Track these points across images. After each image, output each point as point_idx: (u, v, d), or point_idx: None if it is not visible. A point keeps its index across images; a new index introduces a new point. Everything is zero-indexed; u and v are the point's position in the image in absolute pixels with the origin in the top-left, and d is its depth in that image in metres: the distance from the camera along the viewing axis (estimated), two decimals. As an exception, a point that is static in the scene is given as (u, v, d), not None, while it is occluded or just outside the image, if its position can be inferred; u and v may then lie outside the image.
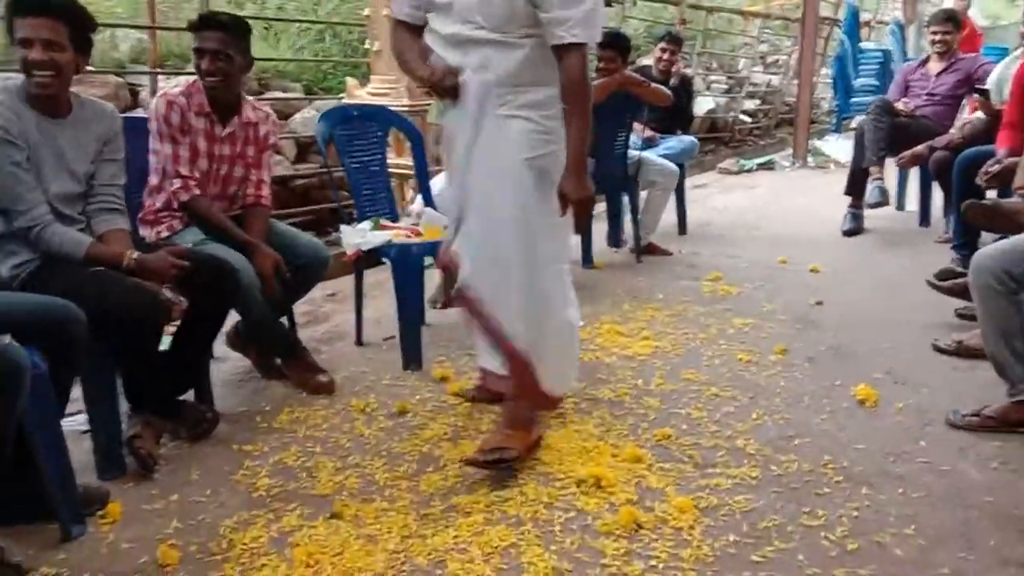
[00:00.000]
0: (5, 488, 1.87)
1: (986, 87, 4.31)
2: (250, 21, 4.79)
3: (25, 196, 2.09)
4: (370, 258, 3.00)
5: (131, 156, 2.42)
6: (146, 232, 2.63)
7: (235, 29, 2.58)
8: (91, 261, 2.16)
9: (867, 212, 4.78)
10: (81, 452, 2.18)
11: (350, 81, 4.44)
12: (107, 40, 4.79)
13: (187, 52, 4.88)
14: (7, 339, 1.73)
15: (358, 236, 2.98)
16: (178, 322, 2.36)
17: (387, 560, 1.76)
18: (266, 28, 5.52)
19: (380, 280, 3.43)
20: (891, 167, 4.80)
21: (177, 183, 2.56)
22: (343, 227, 3.09)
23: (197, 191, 2.60)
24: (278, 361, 2.79)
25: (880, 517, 1.90)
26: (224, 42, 2.53)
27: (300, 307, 3.31)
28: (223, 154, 2.66)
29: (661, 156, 4.48)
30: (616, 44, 3.93)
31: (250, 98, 2.82)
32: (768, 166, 7.51)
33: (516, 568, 1.74)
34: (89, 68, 3.59)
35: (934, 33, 5.00)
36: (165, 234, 2.61)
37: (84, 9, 2.20)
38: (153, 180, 2.61)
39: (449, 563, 1.75)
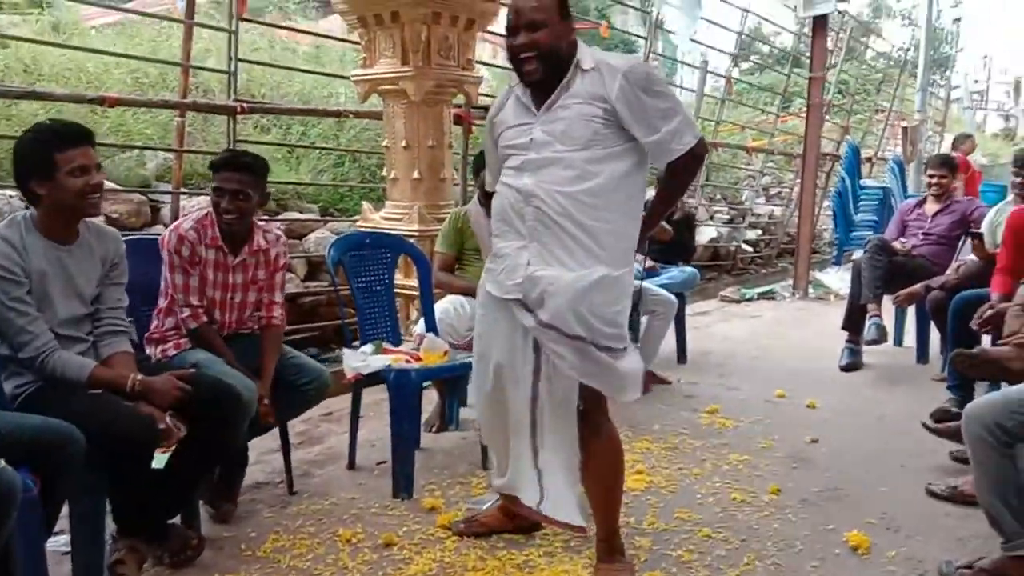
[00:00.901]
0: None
1: (980, 231, 4.42)
2: (272, 146, 5.03)
3: (27, 328, 2.16)
4: (370, 378, 3.04)
5: (137, 276, 2.51)
6: (151, 350, 2.69)
7: (256, 170, 2.71)
8: (95, 385, 2.22)
9: (865, 348, 4.81)
10: (60, 574, 2.17)
11: (365, 205, 4.61)
12: (135, 159, 5.02)
13: (209, 173, 5.11)
14: (1, 462, 1.76)
15: (358, 360, 3.04)
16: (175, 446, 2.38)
17: None
18: (288, 152, 5.76)
19: (377, 400, 3.46)
20: (889, 304, 4.87)
21: (186, 311, 2.65)
22: (345, 351, 3.16)
23: (205, 319, 2.68)
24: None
25: (869, 677, 1.85)
26: (243, 183, 2.66)
27: (296, 426, 3.34)
28: (236, 282, 2.76)
29: (662, 285, 4.58)
30: None
31: (261, 222, 2.92)
32: (769, 295, 7.61)
33: None
34: (115, 186, 3.80)
35: (930, 176, 5.18)
36: (172, 352, 2.66)
37: None
38: (162, 303, 2.70)
39: None
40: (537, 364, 2.20)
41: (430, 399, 3.59)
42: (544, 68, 2.12)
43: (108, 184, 3.91)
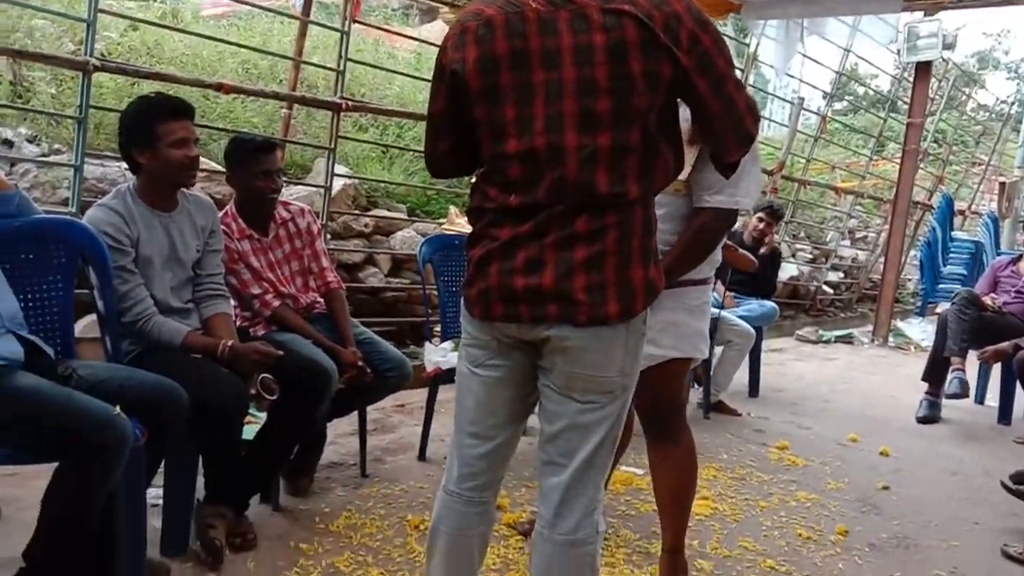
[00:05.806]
0: (82, 548, 1.98)
1: (1078, 293, 4.28)
2: (368, 144, 5.17)
3: (129, 294, 2.30)
4: (447, 375, 3.12)
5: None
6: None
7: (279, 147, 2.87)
8: (189, 350, 2.34)
9: (944, 402, 4.68)
10: (149, 525, 2.29)
11: (452, 209, 4.74)
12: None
13: (309, 164, 5.30)
14: (116, 409, 1.88)
15: (440, 354, 3.13)
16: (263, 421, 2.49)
17: None
18: (382, 152, 5.93)
19: (451, 397, 3.53)
20: (973, 359, 4.73)
21: (256, 303, 2.74)
22: (427, 344, 3.25)
23: (276, 302, 2.76)
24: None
25: None
26: (279, 160, 2.80)
27: (371, 414, 3.43)
28: (278, 258, 2.85)
29: (741, 317, 4.56)
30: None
31: (281, 200, 2.91)
32: (847, 339, 7.46)
33: None
34: (219, 167, 3.98)
35: (1028, 234, 5.04)
36: (261, 332, 2.78)
37: None
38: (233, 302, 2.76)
39: None
40: None
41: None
42: None
43: (211, 165, 4.12)
